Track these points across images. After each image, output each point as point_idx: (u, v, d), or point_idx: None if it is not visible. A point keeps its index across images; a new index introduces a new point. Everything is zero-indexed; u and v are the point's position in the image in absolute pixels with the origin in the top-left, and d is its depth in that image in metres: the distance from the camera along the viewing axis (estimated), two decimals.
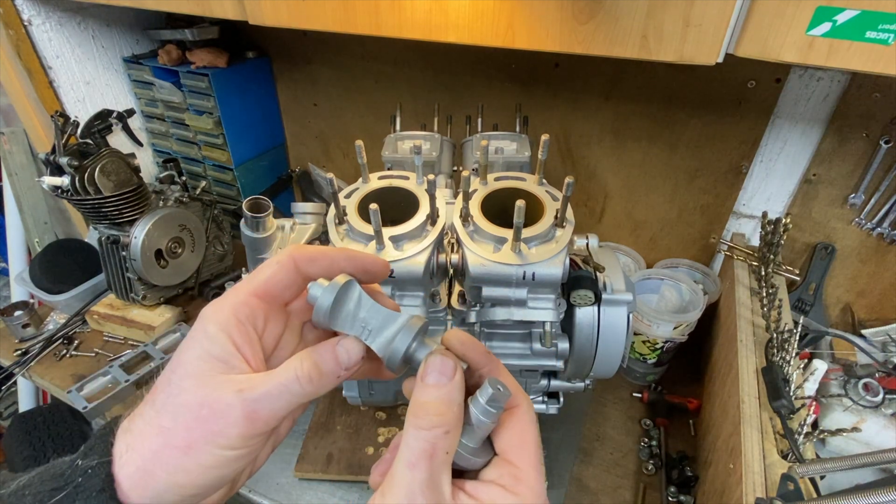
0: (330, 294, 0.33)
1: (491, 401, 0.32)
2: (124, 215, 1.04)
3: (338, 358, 0.33)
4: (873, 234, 0.96)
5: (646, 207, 1.15)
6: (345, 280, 0.34)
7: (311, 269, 0.35)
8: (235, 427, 0.30)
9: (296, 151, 1.53)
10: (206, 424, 0.30)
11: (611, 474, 0.89)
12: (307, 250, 0.35)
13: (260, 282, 0.34)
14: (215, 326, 0.32)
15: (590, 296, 0.67)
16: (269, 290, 0.35)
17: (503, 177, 0.66)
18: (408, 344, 0.34)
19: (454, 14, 0.64)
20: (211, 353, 0.32)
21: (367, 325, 0.35)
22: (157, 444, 0.30)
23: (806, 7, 0.49)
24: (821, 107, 0.91)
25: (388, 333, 0.34)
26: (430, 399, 0.31)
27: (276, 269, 0.35)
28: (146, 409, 0.32)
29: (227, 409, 0.30)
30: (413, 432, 0.30)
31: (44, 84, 1.19)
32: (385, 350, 0.34)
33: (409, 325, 0.34)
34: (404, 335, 0.34)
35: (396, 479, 0.29)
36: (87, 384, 1.02)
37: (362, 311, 0.35)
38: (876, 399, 0.81)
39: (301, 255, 0.35)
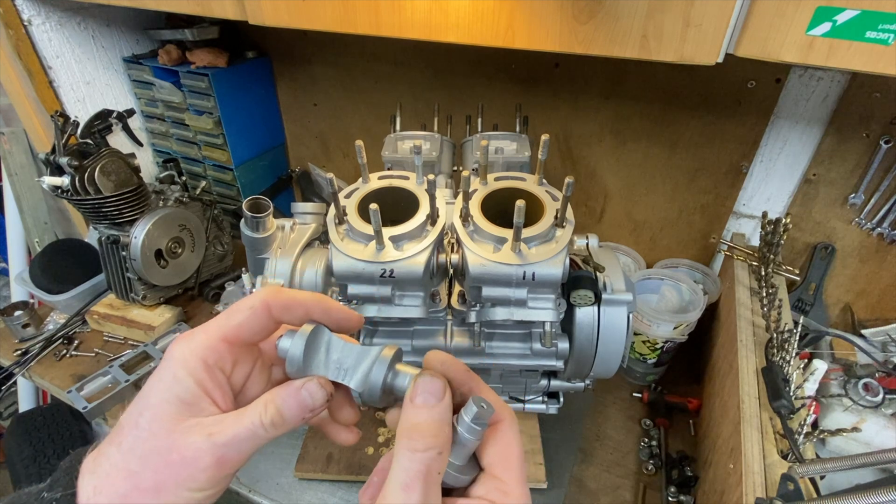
0: (299, 345, 0.34)
1: (476, 419, 0.32)
2: (124, 215, 1.04)
3: (302, 403, 0.34)
4: (873, 234, 0.96)
5: (646, 207, 1.15)
6: (311, 328, 0.35)
7: (285, 316, 0.36)
8: (205, 472, 0.31)
9: (296, 151, 1.53)
10: (175, 469, 0.31)
11: (611, 474, 0.89)
12: (282, 297, 0.35)
13: (231, 327, 0.34)
14: (183, 370, 0.33)
15: (590, 296, 0.67)
16: (239, 335, 0.35)
17: (503, 177, 0.66)
18: (384, 374, 0.34)
19: (454, 14, 0.64)
20: (179, 396, 0.32)
21: (342, 366, 0.35)
22: (126, 488, 0.31)
23: (806, 7, 0.49)
24: (821, 107, 0.91)
25: (363, 368, 0.34)
26: (423, 420, 0.31)
27: (249, 315, 0.35)
28: (111, 449, 0.32)
29: (196, 454, 0.31)
30: (407, 454, 0.30)
31: (44, 84, 1.19)
32: (363, 385, 0.34)
33: (383, 357, 0.34)
34: (379, 366, 0.34)
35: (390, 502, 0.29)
36: (87, 384, 1.02)
37: (334, 353, 0.35)
38: (876, 399, 0.81)
39: (276, 302, 0.35)
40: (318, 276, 0.69)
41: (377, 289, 0.63)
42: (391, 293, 0.63)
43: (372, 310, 0.65)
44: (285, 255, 0.69)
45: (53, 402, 1.45)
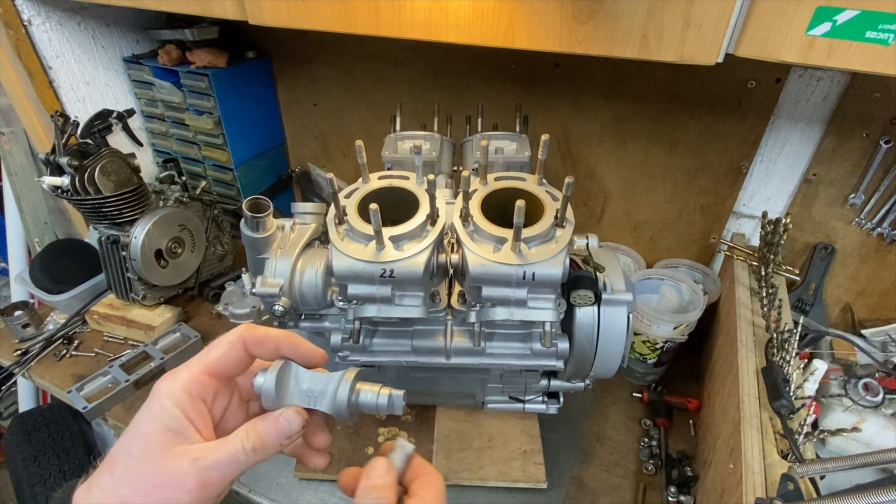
0: (271, 380, 0.38)
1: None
2: (124, 215, 1.04)
3: (280, 429, 0.38)
4: (873, 234, 0.96)
5: (646, 207, 1.15)
6: (280, 364, 0.39)
7: (258, 350, 0.41)
8: (191, 493, 0.34)
9: (296, 151, 1.53)
10: (163, 491, 0.34)
11: (611, 474, 0.89)
12: (255, 334, 0.40)
13: (211, 361, 0.39)
14: (170, 402, 0.37)
15: (590, 296, 0.67)
16: (219, 368, 0.39)
17: (503, 177, 0.66)
18: (348, 394, 0.39)
19: (454, 14, 0.64)
20: (167, 425, 0.36)
21: (312, 394, 0.40)
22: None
23: (806, 7, 0.49)
24: (821, 107, 0.91)
25: (330, 392, 0.40)
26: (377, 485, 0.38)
27: (227, 349, 0.40)
28: (103, 478, 0.35)
29: (183, 476, 0.34)
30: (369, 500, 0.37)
31: (44, 84, 1.19)
32: (333, 407, 0.39)
33: (346, 379, 0.40)
34: (343, 388, 0.39)
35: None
36: (87, 384, 1.02)
37: (303, 383, 0.40)
38: (876, 399, 0.81)
39: (250, 337, 0.40)
40: (318, 276, 0.69)
41: (377, 289, 0.63)
42: (391, 293, 0.63)
43: (372, 310, 0.65)
44: (285, 255, 0.69)
45: (53, 402, 1.45)
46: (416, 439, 0.92)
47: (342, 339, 0.71)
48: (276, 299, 0.67)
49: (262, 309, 1.02)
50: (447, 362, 0.73)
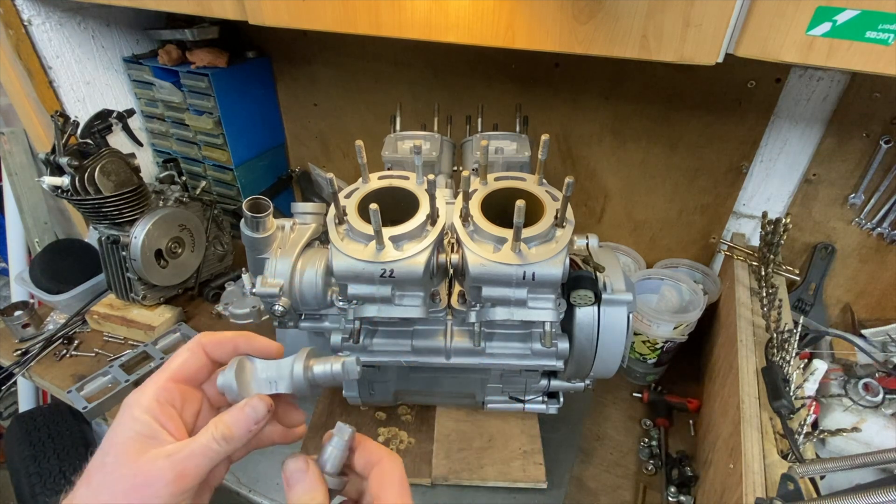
0: (230, 375, 0.41)
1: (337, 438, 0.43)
2: (124, 215, 1.04)
3: (247, 416, 0.40)
4: (873, 234, 0.96)
5: (646, 207, 1.15)
6: (236, 362, 0.41)
7: (217, 352, 0.43)
8: (168, 486, 0.35)
9: (296, 151, 1.53)
10: (140, 490, 0.35)
11: (611, 474, 0.89)
12: (213, 338, 0.43)
13: (174, 368, 0.41)
14: (139, 409, 0.38)
15: (590, 296, 0.67)
16: (182, 373, 0.41)
17: (503, 177, 0.66)
18: (302, 370, 0.42)
19: (454, 14, 0.64)
20: (139, 432, 0.37)
21: (270, 380, 0.42)
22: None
23: (806, 7, 0.49)
24: (821, 107, 0.91)
25: (286, 374, 0.42)
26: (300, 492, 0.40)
27: (188, 356, 0.42)
28: (81, 490, 0.36)
29: (158, 472, 0.36)
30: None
31: (44, 84, 1.19)
32: (291, 386, 0.42)
33: (298, 357, 0.42)
34: (297, 366, 0.42)
35: None
36: (87, 384, 1.02)
37: (262, 373, 0.42)
38: (876, 399, 0.81)
39: (208, 342, 0.42)
40: (318, 276, 0.69)
41: (377, 289, 0.63)
42: (391, 293, 0.63)
43: (372, 310, 0.65)
44: (285, 255, 0.69)
45: (53, 402, 1.45)
46: (416, 439, 0.92)
47: (342, 339, 0.71)
48: (276, 299, 0.67)
49: (262, 309, 1.02)
50: (447, 362, 0.73)
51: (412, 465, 0.87)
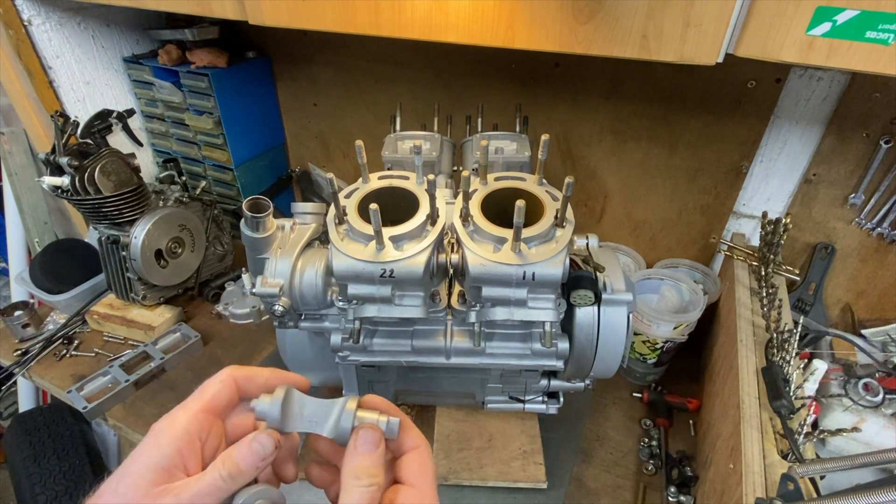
0: (276, 405, 0.40)
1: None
2: (124, 215, 1.04)
3: (254, 452, 0.39)
4: (873, 234, 0.96)
5: (646, 207, 1.15)
6: (284, 391, 0.40)
7: (248, 386, 0.43)
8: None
9: (296, 151, 1.53)
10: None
11: (611, 474, 0.89)
12: (244, 371, 0.43)
13: (207, 399, 0.41)
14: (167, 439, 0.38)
15: (590, 296, 0.67)
16: (214, 405, 0.41)
17: (503, 177, 0.66)
18: (352, 424, 0.40)
19: (454, 14, 0.64)
20: (158, 463, 0.37)
21: (313, 419, 0.41)
22: None
23: (806, 7, 0.49)
24: (821, 107, 0.91)
25: (332, 420, 0.41)
26: (366, 465, 0.38)
27: (220, 387, 0.42)
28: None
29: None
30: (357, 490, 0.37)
31: (44, 84, 1.19)
32: (334, 432, 0.40)
33: (348, 409, 0.41)
34: (347, 417, 0.40)
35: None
36: (87, 384, 1.02)
37: (306, 409, 0.41)
38: (876, 399, 0.81)
39: (240, 375, 0.42)
40: (318, 276, 0.69)
41: (377, 289, 0.63)
42: (391, 293, 0.63)
43: (372, 310, 0.65)
44: (285, 255, 0.69)
45: (53, 402, 1.45)
46: None
47: (342, 339, 0.71)
48: (276, 299, 0.67)
49: (262, 309, 1.02)
50: (447, 362, 0.73)
51: None
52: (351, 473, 0.38)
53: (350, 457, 0.39)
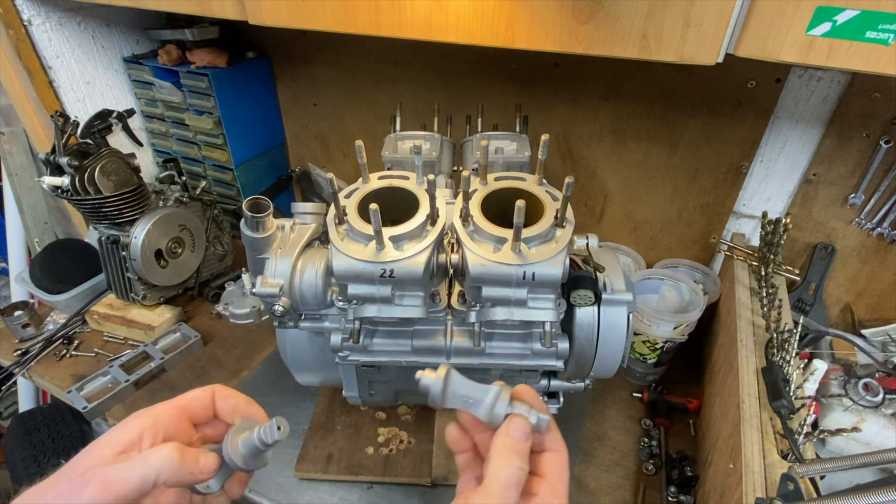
0: (439, 383, 0.44)
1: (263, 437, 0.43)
2: (124, 215, 1.04)
3: (197, 460, 0.42)
4: (873, 234, 0.96)
5: (646, 207, 1.15)
6: (446, 370, 0.44)
7: (221, 404, 0.46)
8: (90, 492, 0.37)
9: (296, 151, 1.53)
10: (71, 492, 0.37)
11: (611, 474, 0.89)
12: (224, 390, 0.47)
13: (185, 399, 0.45)
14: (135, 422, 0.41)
15: (590, 296, 0.67)
16: (188, 406, 0.45)
17: (503, 177, 0.66)
18: (506, 411, 0.43)
19: (454, 14, 0.64)
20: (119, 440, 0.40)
21: (469, 400, 0.44)
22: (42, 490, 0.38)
23: (806, 7, 0.49)
24: (821, 107, 0.91)
25: (486, 403, 0.44)
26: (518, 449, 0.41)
27: (201, 395, 0.46)
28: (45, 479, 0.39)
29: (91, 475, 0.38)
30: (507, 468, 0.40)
31: (44, 84, 1.19)
32: (488, 416, 0.44)
33: (503, 397, 0.44)
34: (502, 405, 0.43)
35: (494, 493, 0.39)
36: (87, 384, 1.02)
37: (461, 390, 0.45)
38: (876, 399, 0.81)
39: (220, 393, 0.46)
40: (318, 276, 0.69)
41: (377, 289, 0.63)
42: (391, 293, 0.63)
43: (372, 310, 0.65)
44: (285, 255, 0.69)
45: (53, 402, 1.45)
46: (416, 439, 0.92)
47: (342, 339, 0.71)
48: (276, 299, 0.67)
49: (262, 309, 1.02)
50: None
51: (412, 465, 0.87)
52: (503, 455, 0.40)
53: (502, 439, 0.41)
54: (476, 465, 0.47)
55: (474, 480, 0.45)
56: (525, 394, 0.45)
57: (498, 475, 0.40)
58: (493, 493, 0.39)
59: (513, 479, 0.40)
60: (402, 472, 0.87)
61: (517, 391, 0.45)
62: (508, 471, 0.40)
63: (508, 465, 0.40)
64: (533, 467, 0.43)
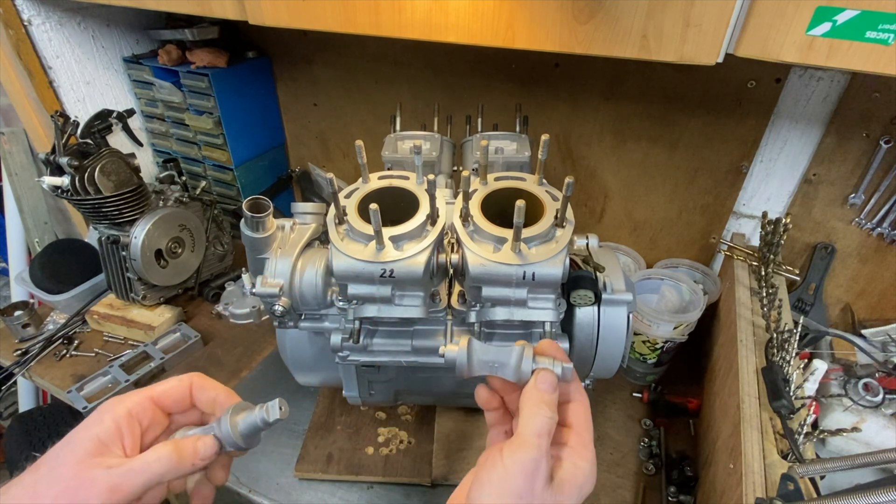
0: (464, 353, 0.46)
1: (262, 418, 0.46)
2: (124, 215, 1.04)
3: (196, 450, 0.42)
4: (873, 234, 0.96)
5: (646, 207, 1.15)
6: (467, 340, 0.46)
7: (199, 395, 0.47)
8: (100, 497, 0.38)
9: (296, 151, 1.53)
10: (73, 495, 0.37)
11: (611, 474, 0.89)
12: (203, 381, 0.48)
13: (159, 390, 0.45)
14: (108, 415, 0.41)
15: (590, 296, 0.67)
16: (163, 397, 0.45)
17: (503, 177, 0.66)
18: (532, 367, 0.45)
19: (454, 14, 0.64)
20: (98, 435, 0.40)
21: (495, 364, 0.46)
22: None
23: (806, 7, 0.49)
24: (821, 107, 0.91)
25: (512, 364, 0.46)
26: (547, 399, 0.43)
27: (176, 384, 0.46)
28: (27, 476, 0.39)
29: (93, 481, 0.38)
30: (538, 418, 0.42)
31: (44, 84, 1.19)
32: (516, 375, 0.46)
33: (527, 355, 0.46)
34: (527, 363, 0.45)
35: (527, 442, 0.41)
36: (87, 384, 1.02)
37: (487, 356, 0.47)
38: (876, 399, 0.81)
39: (197, 383, 0.47)
40: (318, 276, 0.69)
41: (377, 289, 0.63)
42: (391, 293, 0.63)
43: (372, 310, 0.65)
44: (285, 255, 0.69)
45: (53, 402, 1.45)
46: (416, 439, 0.92)
47: (342, 339, 0.71)
48: (276, 299, 0.67)
49: (262, 309, 1.02)
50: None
51: (412, 465, 0.87)
52: (533, 406, 0.43)
53: (531, 392, 0.44)
54: (505, 421, 0.49)
55: (504, 434, 0.48)
56: (548, 348, 0.48)
57: (530, 425, 0.41)
58: (526, 441, 0.41)
59: (544, 427, 0.41)
60: (402, 472, 0.87)
61: (540, 347, 0.47)
62: (540, 420, 0.42)
63: (539, 414, 0.42)
64: (562, 418, 0.45)
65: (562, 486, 0.41)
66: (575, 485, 0.42)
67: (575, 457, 0.43)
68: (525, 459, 0.40)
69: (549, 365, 0.45)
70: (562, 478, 0.42)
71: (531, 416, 0.42)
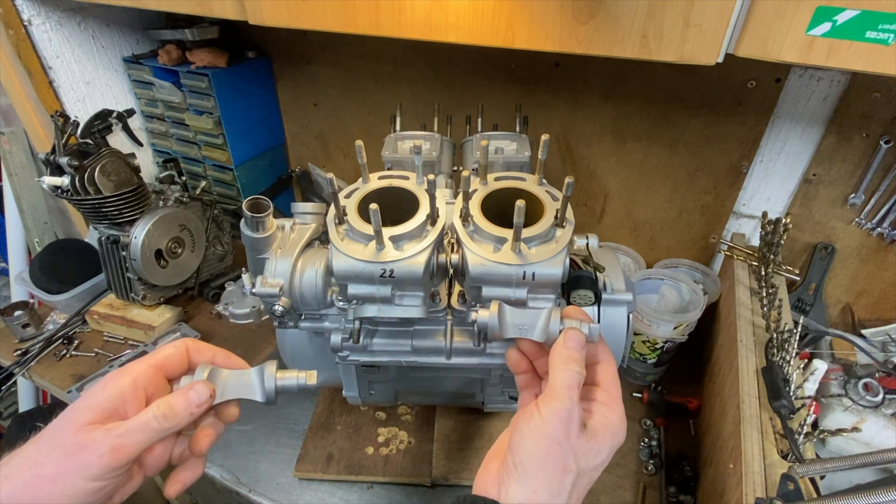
0: (494, 317, 0.48)
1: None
2: (124, 215, 1.04)
3: (189, 399, 0.44)
4: (873, 234, 0.96)
5: (646, 207, 1.15)
6: (498, 305, 0.49)
7: (196, 357, 0.50)
8: (101, 458, 0.38)
9: (296, 151, 1.53)
10: (74, 459, 0.38)
11: (611, 474, 0.89)
12: (199, 345, 0.50)
13: (160, 357, 0.47)
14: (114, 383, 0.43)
15: (590, 296, 0.67)
16: (164, 363, 0.47)
17: (503, 177, 0.66)
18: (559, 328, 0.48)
19: (454, 14, 0.64)
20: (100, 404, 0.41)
21: (524, 326, 0.48)
22: (29, 476, 0.38)
23: (806, 7, 0.49)
24: (821, 107, 0.91)
25: (540, 325, 0.48)
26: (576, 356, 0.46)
27: (174, 351, 0.48)
28: (30, 447, 0.40)
29: (94, 444, 0.39)
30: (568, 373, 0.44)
31: (44, 84, 1.19)
32: (544, 335, 0.48)
33: (555, 317, 0.48)
34: (555, 324, 0.48)
35: (560, 393, 0.43)
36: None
37: (515, 319, 0.49)
38: (876, 399, 0.81)
39: (193, 347, 0.50)
40: (318, 276, 0.69)
41: (377, 289, 0.63)
42: (391, 293, 0.63)
43: (372, 310, 0.65)
44: (285, 255, 0.69)
45: (53, 402, 1.45)
46: (416, 439, 0.92)
47: (342, 339, 0.71)
48: (276, 299, 0.67)
49: (262, 309, 1.02)
50: (447, 362, 0.73)
51: (412, 465, 0.87)
52: (561, 362, 0.45)
53: (560, 349, 0.46)
54: (534, 385, 0.52)
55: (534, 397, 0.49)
56: (574, 312, 0.50)
57: (560, 378, 0.44)
58: (557, 393, 0.43)
59: (574, 380, 0.44)
60: (402, 472, 0.87)
61: (566, 311, 0.50)
62: (569, 373, 0.44)
63: (568, 369, 0.44)
64: (590, 378, 0.48)
65: (595, 434, 0.44)
66: (607, 433, 0.45)
67: (605, 410, 0.46)
68: (559, 408, 0.42)
69: (576, 325, 0.47)
70: (594, 427, 0.44)
71: (560, 370, 0.44)
